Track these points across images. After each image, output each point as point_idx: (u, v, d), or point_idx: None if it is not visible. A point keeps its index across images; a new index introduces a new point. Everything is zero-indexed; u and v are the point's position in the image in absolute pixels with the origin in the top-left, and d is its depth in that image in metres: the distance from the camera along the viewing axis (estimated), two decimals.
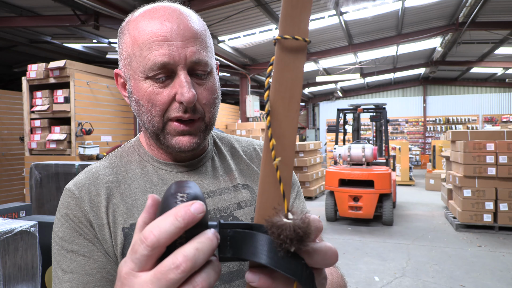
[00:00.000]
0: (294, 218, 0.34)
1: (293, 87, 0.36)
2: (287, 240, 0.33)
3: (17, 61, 9.29)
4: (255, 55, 9.98)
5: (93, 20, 5.76)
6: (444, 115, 16.91)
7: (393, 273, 4.01)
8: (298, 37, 0.35)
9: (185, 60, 0.63)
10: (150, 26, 0.64)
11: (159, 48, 0.62)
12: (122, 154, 0.76)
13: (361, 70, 13.59)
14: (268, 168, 0.37)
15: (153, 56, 0.62)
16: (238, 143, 0.87)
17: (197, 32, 0.66)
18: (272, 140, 0.36)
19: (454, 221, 5.74)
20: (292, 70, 0.36)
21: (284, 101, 0.36)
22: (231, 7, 6.37)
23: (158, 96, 0.65)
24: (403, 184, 10.56)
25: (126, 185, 0.70)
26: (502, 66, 12.81)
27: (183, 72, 0.64)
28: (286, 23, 0.35)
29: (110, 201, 0.67)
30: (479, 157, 5.38)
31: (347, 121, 8.21)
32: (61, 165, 2.87)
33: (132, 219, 0.66)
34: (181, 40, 0.63)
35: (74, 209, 0.66)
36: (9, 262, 1.42)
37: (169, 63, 0.63)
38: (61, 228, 0.65)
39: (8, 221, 1.54)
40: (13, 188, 6.64)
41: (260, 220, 0.38)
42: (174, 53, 0.62)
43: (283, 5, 0.35)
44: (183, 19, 0.65)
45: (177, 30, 0.63)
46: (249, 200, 0.76)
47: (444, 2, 7.76)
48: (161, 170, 0.73)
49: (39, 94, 4.99)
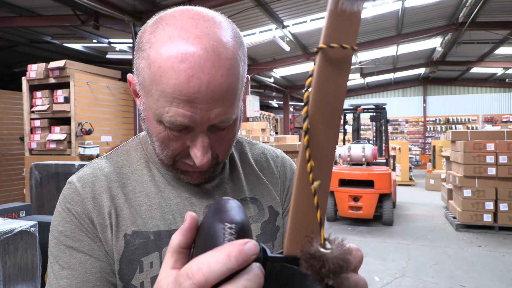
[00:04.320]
0: (333, 247, 0.32)
1: (335, 101, 0.32)
2: (329, 273, 0.31)
3: (17, 61, 9.29)
4: (255, 55, 9.98)
5: (93, 20, 5.76)
6: (444, 115, 16.91)
7: (393, 273, 4.01)
8: (346, 46, 0.31)
9: (207, 123, 0.55)
10: (173, 76, 0.52)
11: (180, 107, 0.53)
12: (129, 151, 0.72)
13: (361, 70, 13.59)
14: (304, 191, 0.33)
15: (172, 113, 0.54)
16: (250, 149, 0.81)
17: (228, 87, 0.54)
18: (310, 161, 0.32)
19: (454, 221, 5.74)
20: (336, 82, 0.32)
21: (325, 117, 0.32)
22: (231, 7, 6.37)
23: (171, 143, 0.59)
24: (403, 184, 10.56)
25: (131, 187, 0.66)
26: (502, 66, 12.81)
27: (201, 134, 0.57)
28: (333, 29, 0.31)
29: (114, 202, 0.64)
30: (479, 157, 5.38)
31: (347, 121, 8.21)
32: (61, 165, 2.87)
33: (134, 226, 0.63)
34: (207, 103, 0.53)
35: (77, 204, 0.63)
36: (9, 262, 1.42)
37: (188, 125, 0.55)
38: (62, 222, 0.62)
39: (8, 221, 1.54)
40: (13, 188, 6.64)
41: (293, 249, 0.34)
42: (197, 116, 0.54)
43: (330, 9, 0.31)
44: (215, 72, 0.52)
45: (205, 91, 0.52)
46: (256, 216, 0.71)
47: (444, 2, 7.76)
48: (168, 176, 0.69)
49: (39, 94, 4.99)
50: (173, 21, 0.55)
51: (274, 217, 0.73)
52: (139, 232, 0.62)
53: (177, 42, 0.52)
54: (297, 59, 10.07)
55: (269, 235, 0.71)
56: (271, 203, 0.74)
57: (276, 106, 20.24)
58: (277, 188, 0.77)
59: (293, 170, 0.82)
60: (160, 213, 0.64)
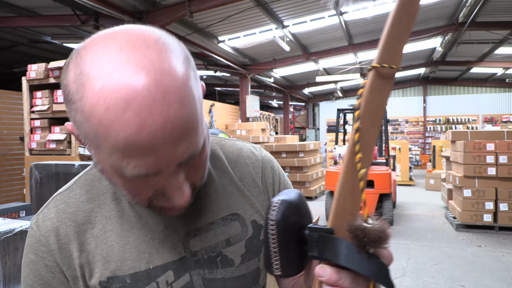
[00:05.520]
0: (374, 223, 0.39)
1: (379, 107, 0.40)
2: (370, 242, 0.38)
3: (17, 61, 9.29)
4: (255, 55, 9.97)
5: (93, 20, 5.76)
6: (444, 115, 16.90)
7: (393, 273, 4.01)
8: (393, 66, 0.39)
9: (174, 162, 0.48)
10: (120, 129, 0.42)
11: (139, 158, 0.45)
12: (93, 181, 0.64)
13: (361, 70, 13.58)
14: (350, 177, 0.40)
15: (132, 165, 0.45)
16: (224, 154, 0.72)
17: (187, 120, 0.46)
18: (359, 153, 0.40)
19: (454, 221, 5.74)
20: (382, 93, 0.40)
21: (371, 120, 0.40)
22: (231, 7, 6.37)
23: (140, 191, 0.51)
24: (403, 184, 10.56)
25: (101, 225, 0.60)
26: (502, 66, 12.80)
27: (172, 175, 0.49)
28: (386, 53, 0.39)
29: (84, 250, 0.58)
30: (479, 157, 5.38)
31: (347, 121, 8.20)
32: (61, 165, 2.87)
33: (108, 272, 0.58)
34: (169, 144, 0.45)
35: (44, 257, 0.58)
36: (9, 262, 1.42)
37: (154, 172, 0.47)
38: (30, 276, 0.59)
39: (8, 221, 1.54)
40: (13, 188, 6.64)
41: (337, 224, 0.42)
42: (161, 161, 0.46)
43: (385, 37, 0.38)
44: (168, 108, 0.43)
45: (162, 135, 0.44)
46: (239, 235, 0.66)
47: (444, 2, 7.76)
48: (138, 207, 0.62)
49: (39, 94, 4.99)
50: (102, 52, 0.44)
51: (258, 232, 0.69)
52: (114, 278, 0.58)
53: (112, 85, 0.42)
54: (297, 59, 10.07)
55: (255, 251, 0.67)
56: (253, 217, 0.69)
57: (276, 106, 20.25)
58: (260, 198, 0.71)
59: (274, 171, 0.75)
60: (135, 253, 0.60)
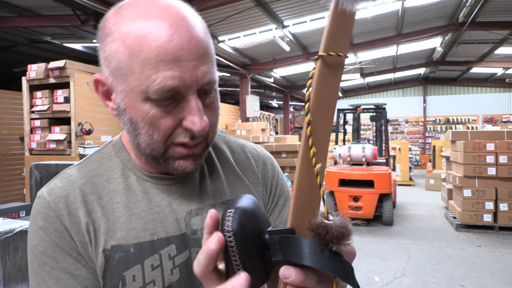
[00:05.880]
0: (335, 219, 0.38)
1: (331, 98, 0.38)
2: (333, 239, 0.36)
3: (17, 61, 9.29)
4: (255, 55, 9.97)
5: (93, 20, 5.76)
6: (444, 115, 16.91)
7: (393, 273, 4.01)
8: (341, 54, 0.37)
9: (196, 83, 0.54)
10: (153, 38, 0.52)
11: (167, 69, 0.52)
12: (102, 159, 0.68)
13: (361, 70, 13.58)
14: (306, 173, 0.39)
15: (160, 79, 0.52)
16: (228, 147, 0.77)
17: (207, 45, 0.56)
18: (313, 148, 0.38)
19: (454, 221, 5.74)
20: (331, 83, 0.38)
21: (322, 111, 0.38)
22: (231, 7, 6.37)
23: (162, 121, 0.56)
24: (403, 184, 10.56)
25: (108, 198, 0.63)
26: (502, 66, 12.81)
27: (193, 97, 0.55)
28: (331, 40, 0.37)
29: (91, 217, 0.61)
30: (479, 157, 5.38)
31: (347, 121, 8.21)
32: (61, 165, 2.86)
33: (113, 240, 0.60)
34: (193, 60, 0.53)
35: (53, 221, 0.59)
36: (9, 262, 1.42)
37: (179, 87, 0.53)
38: (41, 242, 0.59)
39: (8, 221, 1.54)
40: (13, 188, 6.64)
41: (298, 223, 0.40)
42: (186, 75, 0.53)
43: (330, 24, 0.36)
44: (192, 29, 0.54)
45: (188, 47, 0.53)
46: None
47: (444, 2, 7.75)
48: (145, 182, 0.66)
49: (39, 94, 4.99)
50: (137, 7, 0.55)
51: None
52: (118, 246, 0.60)
53: (147, 12, 0.53)
54: (297, 59, 10.07)
55: None
56: None
57: (276, 106, 20.24)
58: (259, 189, 0.75)
59: (274, 168, 0.79)
60: (140, 224, 0.62)
